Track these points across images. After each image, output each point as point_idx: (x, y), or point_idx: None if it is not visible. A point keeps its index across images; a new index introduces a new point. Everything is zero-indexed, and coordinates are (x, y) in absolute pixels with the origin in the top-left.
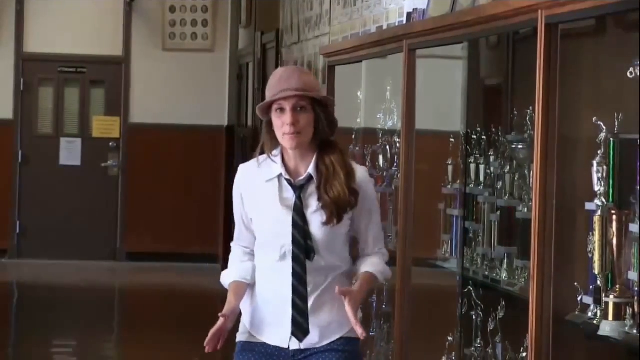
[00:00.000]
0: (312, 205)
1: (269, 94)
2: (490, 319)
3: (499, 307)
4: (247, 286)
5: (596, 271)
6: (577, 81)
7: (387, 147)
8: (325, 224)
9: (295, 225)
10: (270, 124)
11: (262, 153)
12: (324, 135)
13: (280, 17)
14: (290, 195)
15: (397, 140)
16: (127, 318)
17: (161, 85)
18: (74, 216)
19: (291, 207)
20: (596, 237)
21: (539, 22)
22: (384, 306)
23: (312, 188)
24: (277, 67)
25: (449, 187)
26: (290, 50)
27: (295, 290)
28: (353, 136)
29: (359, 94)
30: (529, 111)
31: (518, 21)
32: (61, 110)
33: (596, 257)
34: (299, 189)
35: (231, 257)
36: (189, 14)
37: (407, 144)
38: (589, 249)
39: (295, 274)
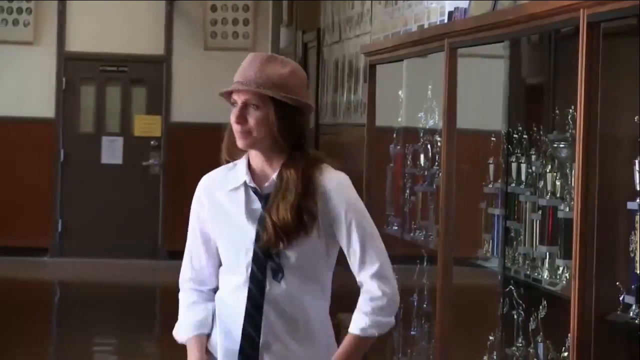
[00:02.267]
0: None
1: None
2: (531, 319)
3: (541, 307)
4: (208, 337)
5: (638, 271)
6: (619, 80)
7: (428, 146)
8: (270, 245)
9: (258, 239)
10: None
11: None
12: (284, 140)
13: (321, 16)
14: (257, 205)
15: (438, 139)
16: (168, 317)
17: (202, 84)
18: (115, 215)
19: (256, 220)
20: (638, 236)
21: (580, 21)
22: (424, 305)
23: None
24: (318, 66)
25: (490, 186)
26: (332, 49)
27: (248, 316)
28: (394, 135)
29: (400, 92)
30: (570, 110)
31: (559, 20)
32: (102, 109)
33: (638, 257)
34: (264, 199)
35: (181, 303)
36: (230, 13)
37: (448, 143)
38: (630, 249)
39: (250, 297)
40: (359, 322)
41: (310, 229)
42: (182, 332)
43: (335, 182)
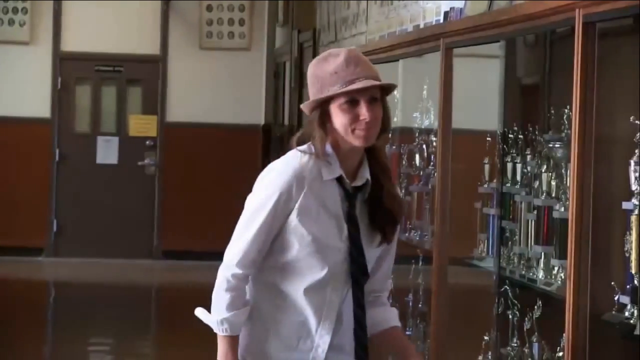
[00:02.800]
0: (363, 218)
1: (336, 82)
2: (526, 319)
3: (536, 307)
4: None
5: (633, 271)
6: (615, 80)
7: (424, 146)
8: (384, 240)
9: (352, 238)
10: (324, 117)
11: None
12: (386, 130)
13: (317, 16)
14: (344, 202)
15: (434, 139)
16: (163, 316)
17: (198, 84)
18: (111, 215)
19: (342, 217)
20: (633, 236)
21: (576, 21)
22: (420, 305)
23: (361, 196)
24: None
25: (485, 186)
26: (327, 49)
27: (357, 320)
28: (389, 135)
29: (395, 92)
30: (566, 110)
31: (555, 20)
32: (98, 108)
33: (633, 257)
34: (353, 196)
35: (228, 290)
36: (226, 13)
37: (444, 143)
38: (626, 249)
39: (356, 299)
40: (395, 315)
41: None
42: (226, 329)
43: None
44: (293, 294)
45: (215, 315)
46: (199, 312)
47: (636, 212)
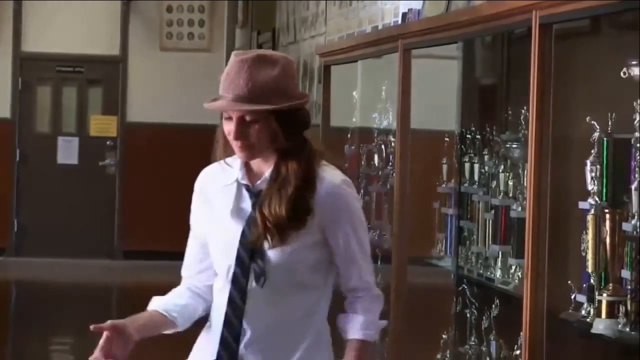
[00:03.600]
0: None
1: (220, 88)
2: (484, 317)
3: (493, 305)
4: (165, 323)
5: (590, 270)
6: (571, 81)
7: (383, 146)
8: (270, 243)
9: (243, 239)
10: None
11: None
12: (285, 139)
13: (276, 17)
14: (246, 204)
15: (392, 139)
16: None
17: (158, 84)
18: (72, 215)
19: (244, 218)
20: (590, 235)
21: (533, 22)
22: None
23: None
24: None
25: (443, 186)
26: (287, 49)
27: (227, 322)
28: (349, 135)
29: (354, 93)
30: (523, 111)
31: (512, 21)
32: (59, 109)
33: (590, 256)
34: (255, 196)
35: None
36: (186, 14)
37: (402, 143)
38: (582, 248)
39: (230, 301)
40: (364, 322)
41: (304, 225)
42: (151, 303)
43: (336, 183)
44: (215, 297)
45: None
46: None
47: (592, 211)
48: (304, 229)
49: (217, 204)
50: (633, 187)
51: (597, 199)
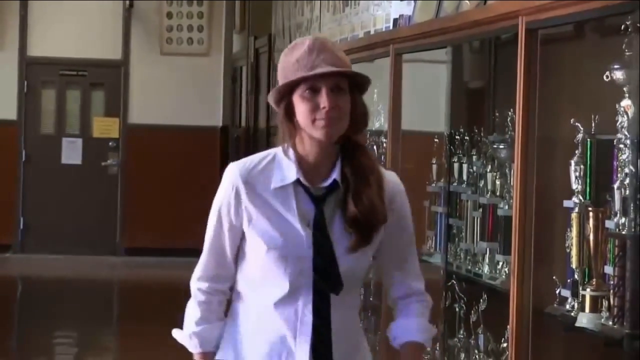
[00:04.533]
0: (336, 223)
1: (297, 70)
2: (472, 311)
3: (481, 300)
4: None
5: (574, 265)
6: (556, 84)
7: (375, 147)
8: (353, 247)
9: (318, 246)
10: (289, 109)
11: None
12: (358, 127)
13: (272, 23)
14: (309, 207)
15: (384, 140)
16: (125, 310)
17: (159, 87)
18: (75, 213)
19: (310, 223)
20: (574, 233)
21: (519, 28)
22: (371, 299)
23: (333, 199)
24: (269, 70)
25: (433, 185)
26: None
27: (318, 334)
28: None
29: None
30: (509, 113)
31: (500, 27)
32: (63, 111)
33: (574, 252)
34: (320, 200)
35: (198, 305)
36: (185, 20)
37: (394, 144)
38: (566, 245)
39: (318, 312)
40: (424, 325)
41: (384, 223)
42: (196, 344)
43: (395, 179)
44: (264, 308)
45: (186, 330)
46: (175, 332)
47: (576, 210)
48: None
49: (274, 206)
50: (615, 186)
51: (581, 197)
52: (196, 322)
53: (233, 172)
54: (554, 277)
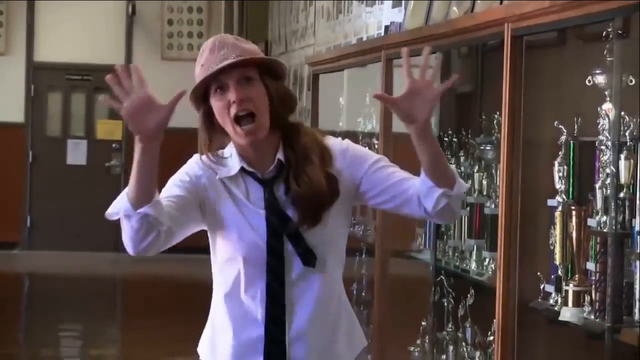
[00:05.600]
0: (289, 202)
1: (201, 74)
2: (460, 306)
3: (469, 295)
4: (154, 194)
5: (557, 262)
6: (540, 88)
7: (367, 148)
8: (299, 225)
9: (271, 227)
10: (208, 115)
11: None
12: (284, 110)
13: (269, 29)
14: (259, 193)
15: (376, 142)
16: (128, 305)
17: (160, 91)
18: (80, 211)
19: (258, 205)
20: (557, 230)
21: (505, 35)
22: (363, 294)
23: (282, 181)
24: None
25: None
26: (279, 59)
27: (270, 317)
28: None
29: (340, 99)
30: (496, 115)
31: (486, 33)
32: (68, 114)
33: (557, 249)
34: (269, 183)
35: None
36: (185, 27)
37: (385, 145)
38: (550, 242)
39: (270, 291)
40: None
41: (338, 194)
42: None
43: (336, 141)
44: (229, 296)
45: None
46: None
47: (560, 208)
48: (337, 197)
49: (231, 194)
50: (597, 186)
51: (564, 197)
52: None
53: (194, 160)
54: (538, 273)
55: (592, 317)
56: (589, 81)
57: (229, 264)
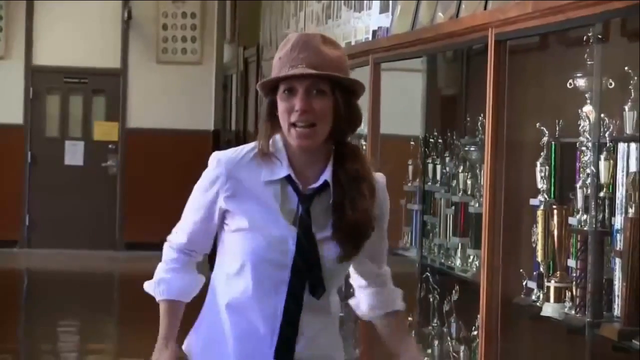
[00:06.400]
0: (321, 225)
1: (277, 68)
2: (445, 302)
3: (454, 291)
4: (183, 308)
5: (539, 259)
6: (523, 91)
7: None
8: (345, 257)
9: (300, 247)
10: (273, 105)
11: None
12: (345, 130)
13: (260, 34)
14: (293, 205)
15: (364, 143)
16: (124, 301)
17: (155, 94)
18: (77, 210)
19: (293, 222)
20: (539, 229)
21: (489, 39)
22: (351, 290)
23: (322, 201)
24: (257, 78)
25: (409, 185)
26: (270, 63)
27: (282, 336)
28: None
29: None
30: (480, 118)
31: (471, 38)
32: (66, 116)
33: (539, 247)
34: (307, 200)
35: (168, 260)
36: (180, 31)
37: (373, 146)
38: (533, 240)
39: (287, 313)
40: (398, 294)
41: (373, 230)
42: (160, 287)
43: (383, 181)
44: (235, 302)
45: (153, 278)
46: (146, 284)
47: (542, 207)
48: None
49: (255, 199)
50: (578, 185)
51: (546, 196)
52: (165, 270)
53: (217, 160)
54: (521, 270)
55: (573, 312)
56: (570, 84)
57: (239, 275)
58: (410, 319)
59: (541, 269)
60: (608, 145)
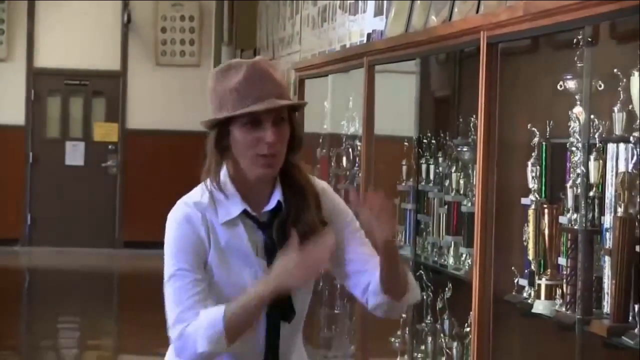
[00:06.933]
0: (283, 248)
1: (237, 101)
2: (438, 299)
3: (447, 289)
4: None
5: (530, 257)
6: (515, 93)
7: (350, 149)
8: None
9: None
10: (223, 139)
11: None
12: (295, 150)
13: (257, 37)
14: (258, 235)
15: (359, 144)
16: (123, 298)
17: (154, 95)
18: (78, 209)
19: (259, 253)
20: (530, 227)
21: (481, 42)
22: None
23: (277, 223)
24: None
25: (403, 184)
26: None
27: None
28: (320, 140)
29: (325, 103)
30: (472, 119)
31: (463, 41)
32: (67, 117)
33: (530, 245)
34: (267, 227)
35: (183, 331)
36: (178, 34)
37: (367, 147)
38: (524, 238)
39: (269, 343)
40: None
41: None
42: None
43: (325, 186)
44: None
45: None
46: (206, 347)
47: (533, 207)
48: None
49: (223, 242)
50: (568, 185)
51: (537, 195)
52: (192, 331)
53: (186, 212)
54: (512, 268)
55: (564, 309)
56: (561, 86)
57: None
58: (404, 315)
59: (532, 267)
60: (598, 145)
